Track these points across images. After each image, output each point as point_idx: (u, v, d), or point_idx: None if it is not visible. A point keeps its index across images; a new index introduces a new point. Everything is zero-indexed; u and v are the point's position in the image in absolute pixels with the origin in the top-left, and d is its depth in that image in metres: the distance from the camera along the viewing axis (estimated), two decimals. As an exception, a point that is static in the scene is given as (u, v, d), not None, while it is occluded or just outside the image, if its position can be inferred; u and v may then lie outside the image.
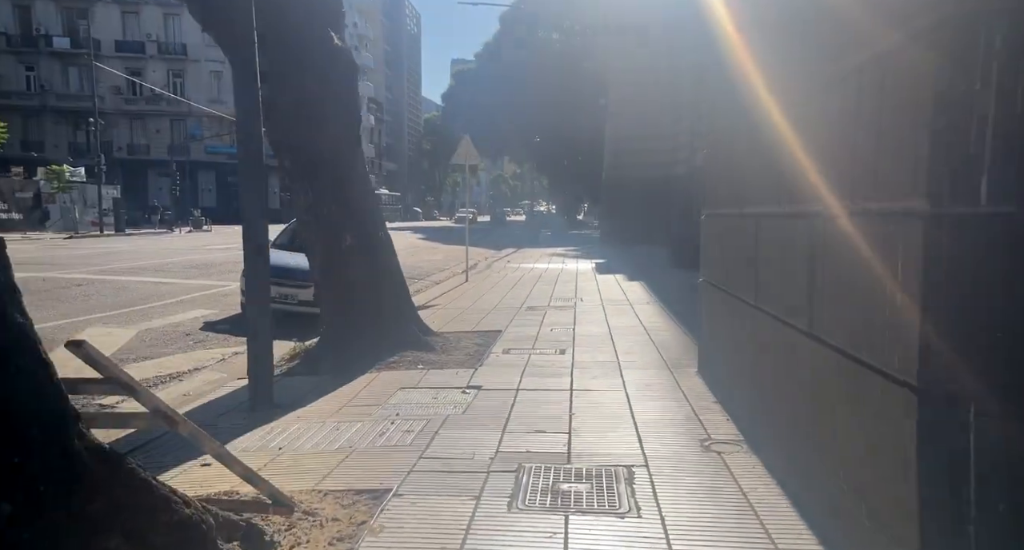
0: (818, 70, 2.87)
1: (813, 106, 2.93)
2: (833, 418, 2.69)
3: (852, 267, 2.46)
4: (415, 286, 14.17)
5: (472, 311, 9.61)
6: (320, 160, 6.07)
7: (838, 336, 2.61)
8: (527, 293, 11.68)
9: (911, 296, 2.02)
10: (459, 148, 14.32)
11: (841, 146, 2.61)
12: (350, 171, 6.25)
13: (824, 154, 2.80)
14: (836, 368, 2.62)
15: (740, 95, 4.16)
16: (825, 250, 2.74)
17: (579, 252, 23.79)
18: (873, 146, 2.33)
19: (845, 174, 2.54)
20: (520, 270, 16.89)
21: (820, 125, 2.85)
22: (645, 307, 9.72)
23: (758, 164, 3.73)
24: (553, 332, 7.66)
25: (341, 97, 6.30)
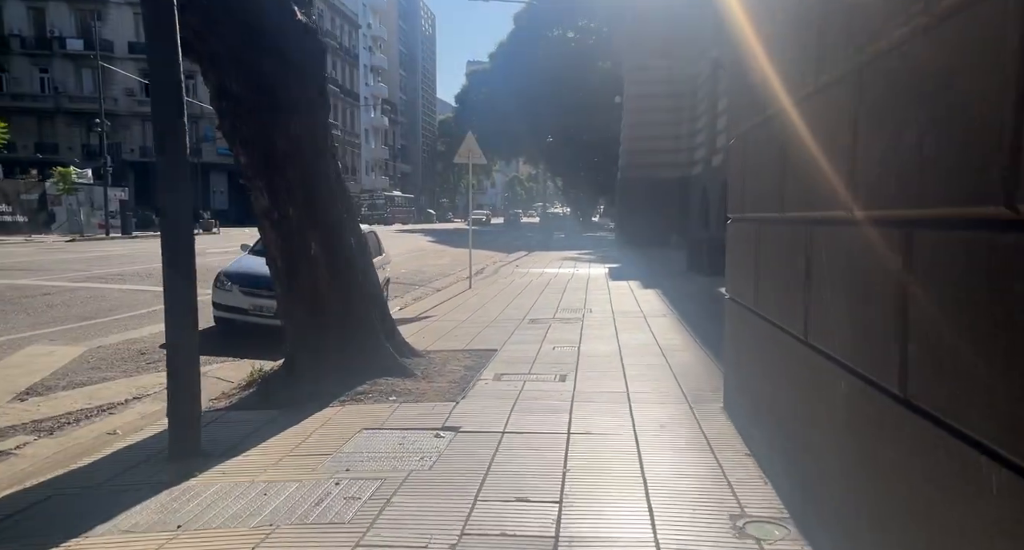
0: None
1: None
2: (929, 509, 1.78)
3: (988, 304, 1.54)
4: (414, 293, 13.34)
5: (468, 324, 8.71)
6: (281, 155, 5.21)
7: (946, 406, 1.68)
8: (532, 303, 10.77)
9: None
10: (463, 146, 13.45)
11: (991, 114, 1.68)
12: (317, 169, 5.38)
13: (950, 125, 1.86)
14: (936, 445, 1.71)
15: (792, 62, 3.23)
16: (932, 276, 1.81)
17: (592, 256, 22.84)
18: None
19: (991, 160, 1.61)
20: (528, 276, 15.98)
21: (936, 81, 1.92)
22: (660, 320, 8.77)
23: (817, 152, 2.80)
24: (555, 351, 6.74)
25: (307, 83, 5.44)
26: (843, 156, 2.43)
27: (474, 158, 13.41)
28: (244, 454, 3.80)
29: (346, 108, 72.38)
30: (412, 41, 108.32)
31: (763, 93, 3.70)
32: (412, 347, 6.28)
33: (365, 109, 79.11)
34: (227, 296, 8.11)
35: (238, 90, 5.18)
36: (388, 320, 6.06)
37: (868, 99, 2.25)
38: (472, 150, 13.35)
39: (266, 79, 5.19)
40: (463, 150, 13.39)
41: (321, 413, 4.59)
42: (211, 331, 8.50)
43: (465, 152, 13.34)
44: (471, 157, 13.34)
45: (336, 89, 67.26)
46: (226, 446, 3.93)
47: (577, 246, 28.92)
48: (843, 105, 2.43)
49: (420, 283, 15.03)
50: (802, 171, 2.95)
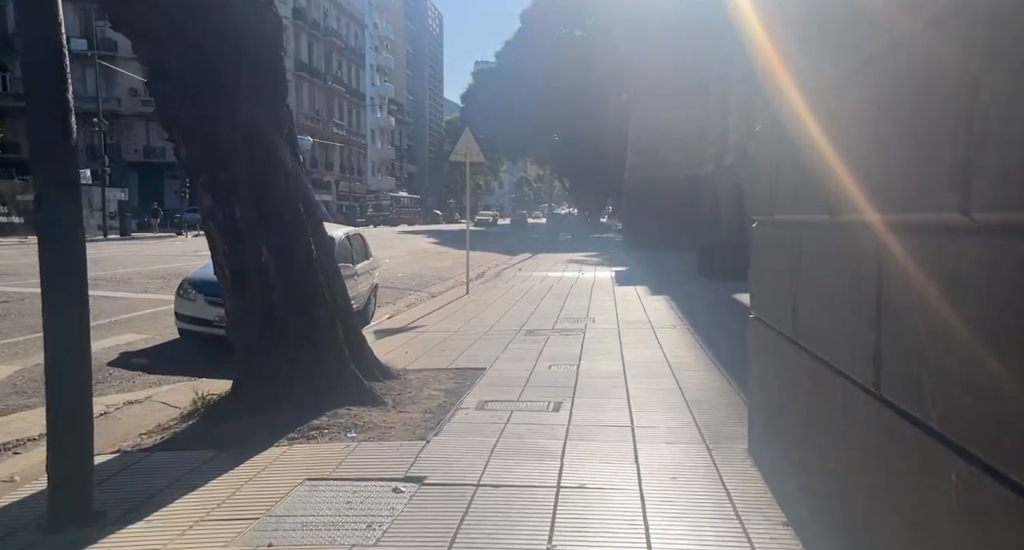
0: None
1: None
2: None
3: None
4: (407, 299, 12.57)
5: (459, 336, 7.94)
6: (228, 147, 4.45)
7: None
8: (531, 311, 9.98)
9: None
10: (460, 143, 12.68)
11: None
12: (271, 163, 4.61)
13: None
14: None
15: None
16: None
17: (599, 258, 22.03)
18: None
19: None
20: (531, 280, 15.19)
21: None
22: (670, 333, 7.96)
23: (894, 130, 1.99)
24: (551, 371, 5.95)
25: (260, 65, 4.67)
26: (954, 129, 1.63)
27: (472, 156, 12.64)
28: (148, 518, 3.03)
29: (351, 108, 71.88)
30: (419, 41, 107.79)
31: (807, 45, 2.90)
32: (387, 367, 5.50)
33: (371, 109, 78.58)
34: (191, 306, 7.36)
35: (179, 70, 4.43)
36: (358, 337, 5.27)
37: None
38: (470, 147, 12.58)
39: (211, 58, 4.43)
40: (460, 147, 12.62)
41: (262, 455, 3.82)
42: (176, 345, 7.76)
43: (462, 149, 12.58)
44: (468, 155, 12.57)
45: (341, 89, 66.78)
46: (130, 505, 3.16)
47: (583, 248, 28.11)
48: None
49: (416, 288, 14.27)
50: (875, 157, 2.14)
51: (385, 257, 21.60)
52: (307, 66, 59.48)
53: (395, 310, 11.02)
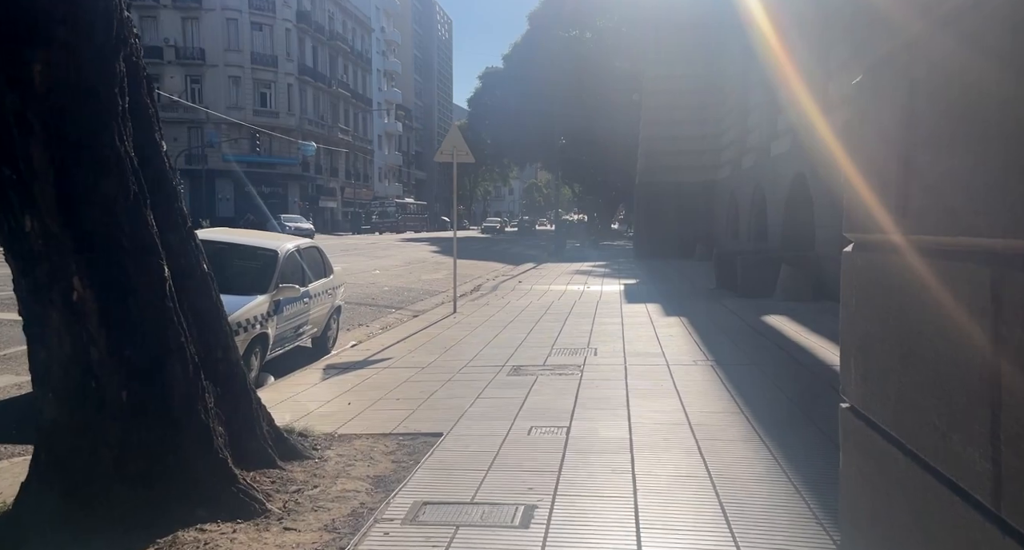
0: None
1: None
2: None
3: None
4: (385, 319, 11.01)
5: (427, 375, 6.37)
6: (16, 122, 2.89)
7: None
8: (523, 338, 8.39)
9: None
10: (445, 140, 11.15)
11: None
12: (95, 146, 3.05)
13: None
14: None
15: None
16: None
17: (607, 269, 20.40)
18: None
19: None
20: (529, 295, 13.60)
21: None
22: (690, 372, 6.34)
23: None
24: (531, 439, 4.36)
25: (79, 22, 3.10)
26: None
27: (460, 156, 11.10)
28: None
29: (358, 113, 70.74)
30: (428, 46, 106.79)
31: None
32: (296, 443, 3.91)
33: (378, 114, 77.44)
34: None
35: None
36: (245, 404, 3.66)
37: None
38: (457, 146, 11.04)
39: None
40: (446, 146, 11.09)
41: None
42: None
43: (449, 148, 11.04)
44: (456, 154, 11.03)
45: (347, 94, 65.62)
46: None
47: (591, 257, 26.49)
48: None
49: (399, 305, 12.71)
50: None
51: (376, 268, 20.13)
52: (311, 70, 58.39)
53: (366, 334, 9.47)
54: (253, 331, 5.99)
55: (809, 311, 10.08)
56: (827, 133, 11.99)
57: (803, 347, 7.48)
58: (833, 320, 9.85)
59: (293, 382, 6.25)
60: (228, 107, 52.19)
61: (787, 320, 9.37)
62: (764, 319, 9.56)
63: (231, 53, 53.08)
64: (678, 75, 24.38)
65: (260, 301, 6.19)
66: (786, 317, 9.59)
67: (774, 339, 8.07)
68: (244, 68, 53.35)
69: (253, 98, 54.22)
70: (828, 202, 11.67)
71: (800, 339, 7.95)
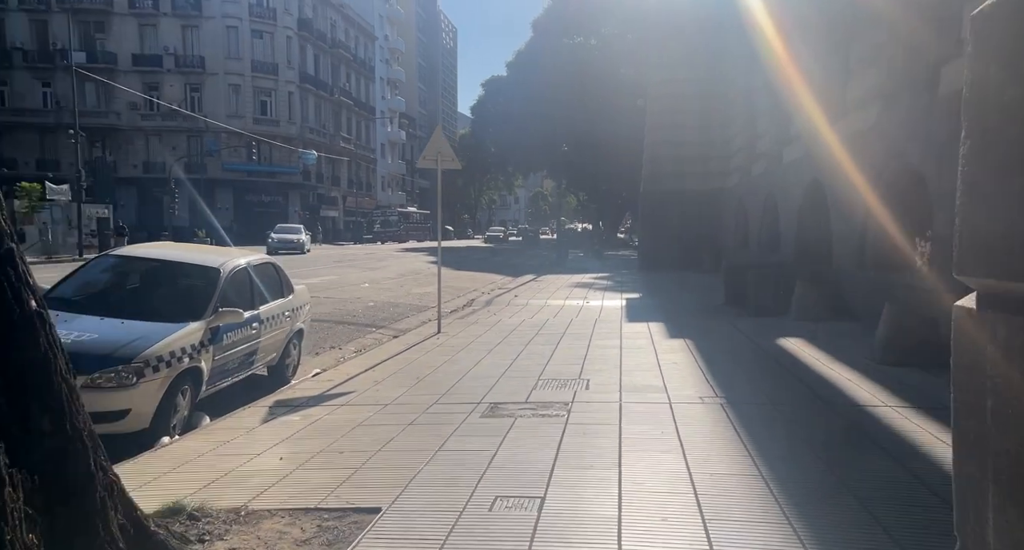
0: None
1: None
2: None
3: None
4: (362, 340, 10.07)
5: (387, 416, 5.43)
6: None
7: None
8: (508, 364, 7.45)
9: None
10: (429, 143, 10.26)
11: None
12: None
13: None
14: None
15: None
16: None
17: (609, 281, 19.45)
18: None
19: None
20: (524, 311, 12.67)
21: None
22: (698, 416, 5.37)
23: None
24: (492, 518, 3.41)
25: None
26: None
27: (445, 161, 10.19)
28: None
29: (360, 121, 70.18)
30: (432, 54, 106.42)
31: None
32: (169, 537, 2.95)
33: (381, 123, 76.88)
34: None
35: None
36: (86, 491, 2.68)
37: None
38: (441, 151, 10.13)
39: None
40: (429, 151, 10.18)
41: None
42: None
43: (432, 153, 10.14)
44: (441, 160, 10.13)
45: (349, 102, 65.05)
46: None
47: (594, 268, 25.55)
48: None
49: (381, 323, 11.78)
50: None
51: (365, 282, 19.22)
52: (313, 78, 57.84)
53: (336, 359, 8.54)
54: (179, 366, 5.07)
55: (828, 333, 9.10)
56: (845, 137, 11.05)
57: (828, 380, 6.51)
58: (855, 344, 8.80)
59: (228, 425, 5.32)
60: (228, 115, 51.64)
61: (805, 344, 8.39)
62: (779, 343, 8.59)
63: (231, 61, 52.56)
64: (683, 79, 23.49)
65: (190, 330, 5.27)
66: (803, 341, 8.61)
67: (792, 368, 7.10)
68: (244, 76, 52.82)
69: (253, 106, 53.66)
70: (847, 212, 10.71)
71: (823, 369, 6.97)
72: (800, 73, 13.96)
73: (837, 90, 11.99)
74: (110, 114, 51.55)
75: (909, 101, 8.48)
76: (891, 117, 9.03)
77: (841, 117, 11.51)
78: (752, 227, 18.28)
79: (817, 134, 12.51)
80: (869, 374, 6.58)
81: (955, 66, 7.21)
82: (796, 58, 14.39)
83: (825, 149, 12.01)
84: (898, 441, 4.63)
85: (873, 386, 6.12)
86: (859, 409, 5.41)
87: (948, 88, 7.18)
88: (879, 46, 9.84)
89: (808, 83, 13.41)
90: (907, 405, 5.47)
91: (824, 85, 12.55)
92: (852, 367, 6.91)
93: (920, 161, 8.01)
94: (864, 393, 5.90)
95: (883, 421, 5.08)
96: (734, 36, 19.20)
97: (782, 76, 15.16)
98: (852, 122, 10.74)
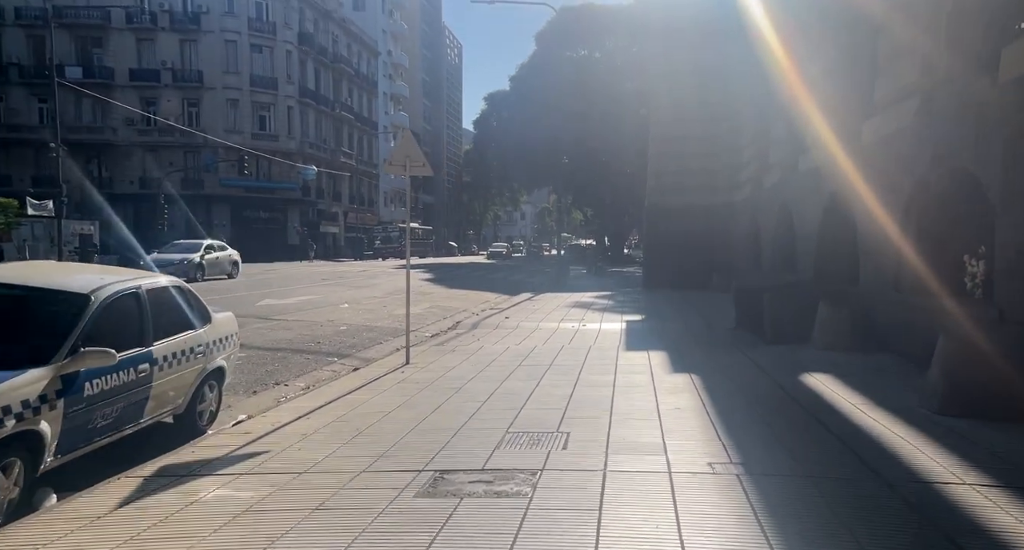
0: None
1: None
2: None
3: None
4: (318, 373, 8.65)
5: (284, 497, 4.07)
6: None
7: None
8: (473, 411, 6.08)
9: None
10: (396, 147, 8.98)
11: None
12: None
13: None
14: None
15: None
16: None
17: (611, 301, 18.07)
18: None
19: None
20: (513, 335, 11.32)
21: None
22: (708, 497, 3.98)
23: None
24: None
25: None
26: None
27: (415, 167, 8.90)
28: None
29: (362, 137, 69.40)
30: (437, 70, 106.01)
31: None
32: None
33: (383, 138, 76.09)
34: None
35: None
36: None
37: None
38: (410, 155, 8.85)
39: None
40: (396, 155, 8.90)
41: None
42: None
43: (400, 157, 8.85)
44: (409, 165, 8.84)
45: (351, 117, 64.24)
46: None
47: (596, 286, 24.18)
48: None
49: (346, 351, 10.43)
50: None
51: (345, 302, 17.87)
52: (313, 93, 57.07)
53: (275, 399, 7.18)
54: (2, 430, 3.74)
55: (860, 368, 7.69)
56: (873, 141, 9.71)
57: (874, 438, 5.10)
58: (897, 385, 6.82)
59: (76, 508, 3.97)
60: (226, 130, 50.78)
61: (835, 383, 6.99)
62: (804, 381, 7.19)
63: (229, 75, 51.82)
64: (688, 86, 22.25)
65: (27, 379, 3.95)
66: (832, 378, 7.21)
67: (826, 419, 5.69)
68: (243, 91, 52.05)
69: (252, 121, 52.83)
70: (876, 225, 9.34)
71: (865, 421, 5.56)
72: (818, 74, 12.67)
73: (862, 89, 10.67)
74: (106, 130, 50.82)
75: (957, 92, 7.13)
76: (933, 113, 7.68)
77: (867, 119, 10.18)
78: (765, 243, 16.90)
79: (838, 140, 11.18)
80: (926, 429, 5.17)
81: (1022, 46, 5.88)
82: (812, 58, 13.10)
83: (848, 155, 10.67)
84: (994, 545, 3.23)
85: (936, 448, 4.72)
86: (926, 488, 4.01)
87: (1015, 72, 5.83)
88: (913, 36, 8.53)
89: (827, 84, 12.10)
90: (991, 481, 4.06)
91: (846, 85, 11.24)
92: (901, 418, 5.51)
93: (974, 161, 6.65)
94: (927, 460, 4.50)
95: (965, 508, 3.68)
96: (742, 41, 17.95)
97: (796, 79, 13.89)
98: (882, 123, 9.40)
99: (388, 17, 79.86)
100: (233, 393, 7.40)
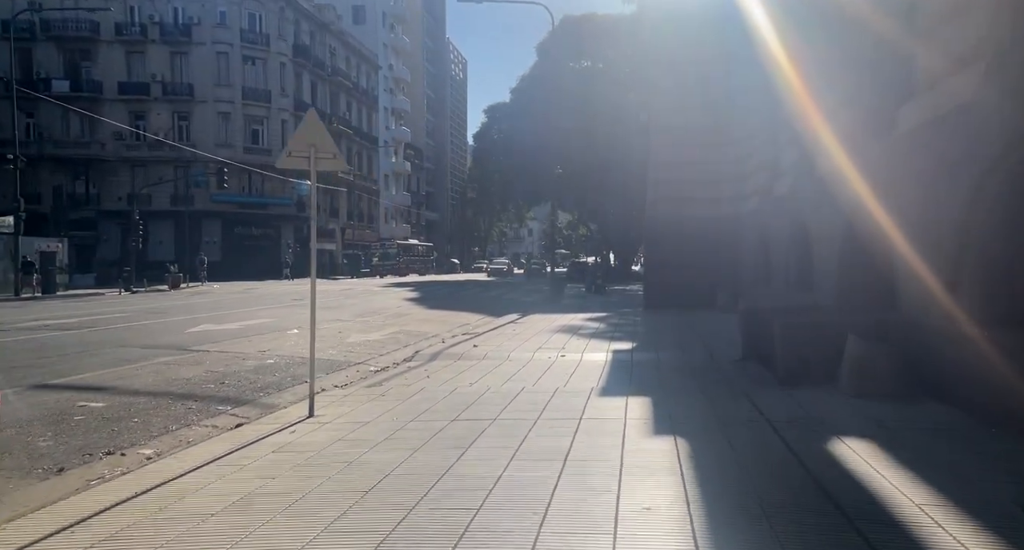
0: None
1: None
2: None
3: None
4: (185, 432, 6.38)
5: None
6: None
7: None
8: (331, 520, 3.98)
9: None
10: (297, 131, 6.95)
11: None
12: None
13: None
14: None
15: None
16: None
17: (603, 323, 15.97)
18: None
19: None
20: (469, 371, 9.21)
21: None
22: None
23: None
24: None
25: None
26: None
27: (323, 159, 6.89)
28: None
29: (362, 152, 67.84)
30: (440, 85, 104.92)
31: None
32: None
33: (384, 153, 74.60)
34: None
35: None
36: None
37: None
38: (316, 143, 6.83)
39: None
40: (296, 141, 6.87)
41: None
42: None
43: (301, 144, 6.83)
44: (315, 155, 6.82)
45: (349, 131, 62.72)
46: None
47: (591, 306, 22.08)
48: None
49: (248, 395, 8.33)
50: None
51: (297, 327, 15.83)
52: (308, 106, 55.54)
53: (74, 485, 5.09)
54: None
55: (911, 428, 5.55)
56: (918, 126, 7.64)
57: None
58: (973, 458, 2.75)
59: None
60: (217, 145, 49.32)
61: (882, 457, 4.84)
62: (837, 453, 5.03)
63: (221, 88, 50.46)
64: (693, 86, 20.29)
65: None
66: (876, 448, 5.06)
67: (879, 534, 3.55)
68: (234, 103, 50.65)
69: (244, 135, 51.37)
70: (923, 234, 7.24)
71: (942, 540, 3.42)
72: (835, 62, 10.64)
73: (896, 68, 8.62)
74: (93, 144, 49.50)
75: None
76: (1006, 80, 5.60)
77: (903, 103, 8.11)
78: (776, 258, 14.77)
79: (864, 134, 9.12)
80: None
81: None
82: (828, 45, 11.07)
83: (879, 150, 8.60)
84: None
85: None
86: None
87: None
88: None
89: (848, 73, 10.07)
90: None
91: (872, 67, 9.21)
92: (999, 535, 3.37)
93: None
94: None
95: None
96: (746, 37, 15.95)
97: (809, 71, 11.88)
98: (930, 101, 7.31)
99: (389, 31, 78.76)
100: (25, 472, 5.33)
